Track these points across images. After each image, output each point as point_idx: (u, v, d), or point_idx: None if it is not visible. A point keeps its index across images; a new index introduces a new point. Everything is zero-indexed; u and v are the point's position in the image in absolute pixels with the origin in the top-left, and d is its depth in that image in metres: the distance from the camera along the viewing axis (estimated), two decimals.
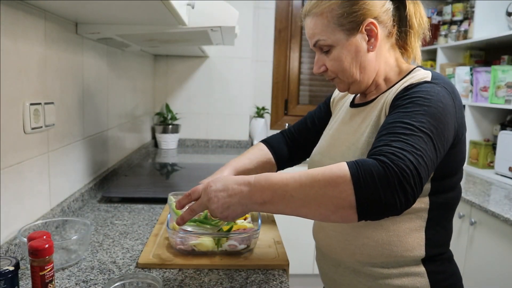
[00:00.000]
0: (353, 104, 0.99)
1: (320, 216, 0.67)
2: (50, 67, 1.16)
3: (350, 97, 1.04)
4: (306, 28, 0.91)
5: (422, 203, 0.81)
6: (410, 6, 0.88)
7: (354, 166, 0.65)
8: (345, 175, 0.64)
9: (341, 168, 0.66)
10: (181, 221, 0.80)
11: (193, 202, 0.79)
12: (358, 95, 1.01)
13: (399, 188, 0.62)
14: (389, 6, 0.86)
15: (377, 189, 0.63)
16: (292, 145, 1.18)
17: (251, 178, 0.73)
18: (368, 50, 0.86)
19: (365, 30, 0.85)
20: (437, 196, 0.82)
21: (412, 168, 0.64)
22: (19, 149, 1.00)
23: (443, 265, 0.86)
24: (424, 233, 0.82)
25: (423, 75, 0.80)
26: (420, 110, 0.72)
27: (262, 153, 1.15)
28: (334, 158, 0.91)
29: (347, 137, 0.92)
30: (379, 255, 0.83)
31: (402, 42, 0.91)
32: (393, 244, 0.82)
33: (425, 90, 0.75)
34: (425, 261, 0.83)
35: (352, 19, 0.84)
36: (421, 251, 0.82)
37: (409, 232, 0.82)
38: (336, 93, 1.13)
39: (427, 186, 0.81)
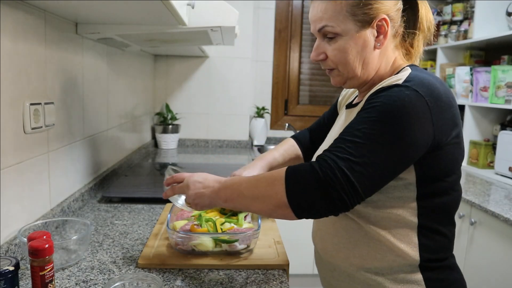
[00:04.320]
0: (348, 105, 0.98)
1: (266, 212, 0.77)
2: (50, 67, 1.16)
3: (353, 98, 1.03)
4: (312, 10, 0.86)
5: (409, 208, 0.78)
6: (422, 9, 0.86)
7: (292, 169, 0.73)
8: (281, 177, 0.73)
9: (282, 170, 0.74)
10: (165, 195, 0.95)
11: (175, 184, 0.93)
12: (356, 94, 0.99)
13: (322, 192, 0.68)
14: (401, 6, 0.84)
15: (304, 192, 0.70)
16: (315, 142, 1.21)
17: (226, 178, 0.84)
18: (375, 47, 0.84)
19: (376, 25, 0.81)
20: (427, 201, 0.79)
21: (340, 174, 0.68)
22: (19, 149, 1.00)
23: (444, 273, 0.82)
24: (416, 238, 0.79)
25: (399, 77, 0.77)
26: (375, 117, 0.71)
27: (293, 149, 1.21)
28: None
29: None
30: (372, 259, 0.81)
31: (407, 43, 0.89)
32: (385, 249, 0.80)
33: (390, 95, 0.73)
34: (422, 269, 0.80)
35: (366, 11, 0.80)
36: (414, 257, 0.79)
37: (400, 238, 0.79)
38: (344, 93, 1.12)
39: (412, 191, 0.78)
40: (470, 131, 2.40)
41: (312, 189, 0.69)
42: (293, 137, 1.24)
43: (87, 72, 1.47)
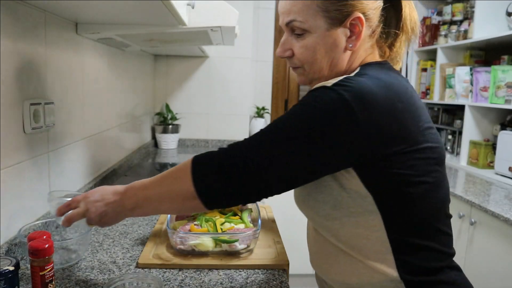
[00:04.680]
0: None
1: (176, 209, 0.75)
2: (50, 67, 1.16)
3: None
4: (281, 1, 0.78)
5: (375, 223, 0.71)
6: (405, 9, 0.78)
7: (198, 156, 0.72)
8: (187, 167, 0.71)
9: (188, 160, 0.72)
10: (64, 225, 0.82)
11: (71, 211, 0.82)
12: None
13: (225, 179, 0.68)
14: (380, 4, 0.76)
15: (209, 179, 0.69)
16: None
17: (125, 186, 0.80)
18: (346, 48, 0.76)
19: (349, 24, 0.74)
20: (392, 214, 0.71)
21: (243, 163, 0.67)
22: (19, 149, 1.00)
23: None
24: (391, 255, 0.71)
25: (334, 80, 0.70)
26: (291, 113, 0.69)
27: None
28: None
29: None
30: (350, 275, 0.75)
31: (386, 44, 0.81)
32: (361, 266, 0.74)
33: (312, 94, 0.69)
34: (409, 285, 0.71)
35: (340, 7, 0.73)
36: (393, 274, 0.71)
37: (372, 255, 0.72)
38: None
39: (370, 204, 0.70)
40: (470, 131, 2.40)
41: (216, 176, 0.69)
42: None
43: (87, 72, 1.47)
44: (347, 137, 0.66)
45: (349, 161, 0.69)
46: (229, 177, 0.68)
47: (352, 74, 0.72)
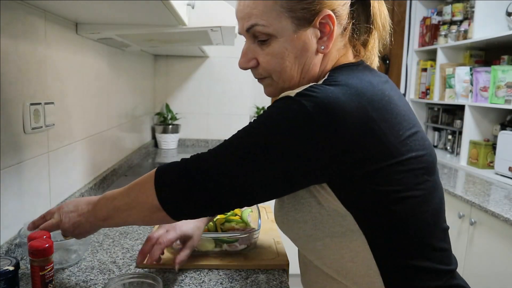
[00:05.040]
0: None
1: (143, 220, 0.71)
2: (50, 67, 1.16)
3: None
4: (239, 6, 0.70)
5: (355, 241, 0.65)
6: (374, 4, 0.71)
7: (162, 167, 0.69)
8: (151, 178, 0.68)
9: (153, 170, 0.69)
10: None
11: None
12: None
13: (184, 191, 0.65)
14: None
15: (171, 190, 0.67)
16: None
17: (98, 197, 0.78)
18: (318, 51, 0.69)
19: (319, 24, 0.66)
20: (376, 235, 0.64)
21: (200, 175, 0.64)
22: (19, 149, 1.00)
23: None
24: (380, 279, 0.65)
25: (298, 89, 0.63)
26: (250, 125, 0.65)
27: None
28: None
29: None
30: None
31: (359, 42, 0.73)
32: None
33: (274, 106, 0.63)
34: None
35: (306, 5, 0.65)
36: None
37: (360, 277, 0.66)
38: None
39: (352, 223, 0.64)
40: (470, 131, 2.40)
41: (178, 188, 0.66)
42: None
43: (87, 72, 1.47)
44: (308, 153, 0.59)
45: (315, 179, 0.63)
46: (190, 190, 0.65)
47: (320, 82, 0.65)
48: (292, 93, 0.62)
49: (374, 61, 0.76)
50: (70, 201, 0.81)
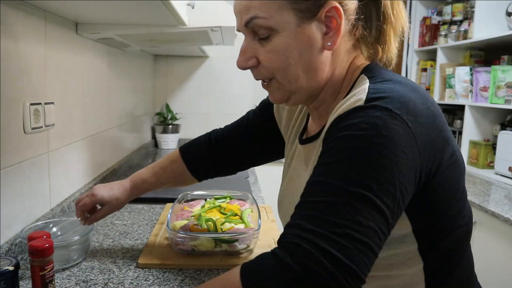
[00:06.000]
0: (301, 140, 0.75)
1: None
2: (50, 67, 1.16)
3: (302, 122, 0.79)
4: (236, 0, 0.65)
5: (412, 268, 0.60)
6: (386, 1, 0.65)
7: (249, 269, 0.51)
8: (236, 283, 0.50)
9: (235, 271, 0.52)
10: None
11: None
12: (309, 121, 0.77)
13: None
14: None
15: None
16: (217, 154, 0.98)
17: None
18: (324, 47, 0.62)
19: (324, 17, 0.60)
20: (433, 250, 0.60)
21: (328, 259, 0.45)
22: (19, 149, 1.00)
23: None
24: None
25: (359, 95, 0.55)
26: (346, 159, 0.50)
27: (174, 165, 0.98)
28: None
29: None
30: None
31: (372, 41, 0.67)
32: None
33: (355, 123, 0.52)
34: None
35: None
36: None
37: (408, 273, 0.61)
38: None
39: (411, 243, 0.58)
40: (470, 131, 2.40)
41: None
42: (181, 148, 1.01)
43: (87, 72, 1.47)
44: (412, 163, 0.51)
45: (411, 194, 0.54)
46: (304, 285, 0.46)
47: (367, 83, 0.58)
48: (361, 101, 0.53)
49: (393, 61, 0.70)
50: None
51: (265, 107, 0.94)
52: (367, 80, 0.59)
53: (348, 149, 0.51)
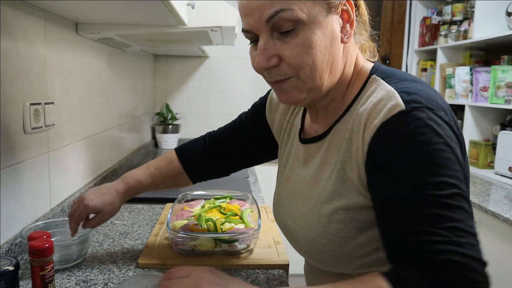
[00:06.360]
0: (303, 140, 0.74)
1: None
2: (50, 67, 1.16)
3: (299, 114, 0.80)
4: None
5: None
6: None
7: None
8: None
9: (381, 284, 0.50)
10: None
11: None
12: (306, 121, 0.76)
13: None
14: None
15: None
16: (211, 156, 0.98)
17: None
18: (342, 41, 0.61)
19: (341, 10, 0.60)
20: None
21: (477, 265, 0.48)
22: (19, 149, 1.00)
23: None
24: None
25: (391, 99, 0.55)
26: (426, 165, 0.52)
27: (170, 166, 0.97)
28: (297, 222, 0.72)
29: (306, 190, 0.71)
30: None
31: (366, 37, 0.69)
32: None
33: (411, 130, 0.53)
34: None
35: None
36: None
37: None
38: (271, 102, 0.91)
39: None
40: (470, 131, 2.40)
41: None
42: (176, 150, 1.00)
43: (87, 72, 1.47)
44: (460, 153, 0.56)
45: None
46: None
47: (386, 85, 0.59)
48: (400, 106, 0.54)
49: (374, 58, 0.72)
50: (216, 273, 0.65)
51: (257, 109, 0.95)
52: (382, 81, 0.60)
53: (419, 156, 0.52)
